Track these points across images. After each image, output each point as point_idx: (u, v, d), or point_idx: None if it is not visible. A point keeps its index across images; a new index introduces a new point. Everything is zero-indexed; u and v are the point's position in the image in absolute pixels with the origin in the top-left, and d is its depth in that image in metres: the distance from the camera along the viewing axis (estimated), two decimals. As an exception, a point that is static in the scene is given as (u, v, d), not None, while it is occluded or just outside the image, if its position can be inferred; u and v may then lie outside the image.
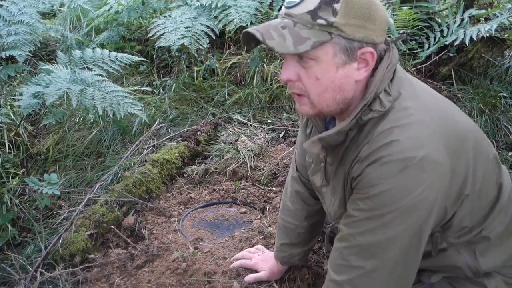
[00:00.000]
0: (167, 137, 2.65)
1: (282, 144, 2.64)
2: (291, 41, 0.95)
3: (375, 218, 1.00)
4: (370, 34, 0.98)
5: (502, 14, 2.69)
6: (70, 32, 3.53)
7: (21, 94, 2.08)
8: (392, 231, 1.00)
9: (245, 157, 2.43)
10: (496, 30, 2.56)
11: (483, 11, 2.84)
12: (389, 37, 1.15)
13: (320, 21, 0.95)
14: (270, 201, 2.19)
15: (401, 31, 2.78)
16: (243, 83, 3.22)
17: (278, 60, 3.19)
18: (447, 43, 2.68)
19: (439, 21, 2.91)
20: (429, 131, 0.99)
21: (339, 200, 1.17)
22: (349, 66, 1.00)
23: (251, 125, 2.80)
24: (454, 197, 1.04)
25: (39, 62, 3.07)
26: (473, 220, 1.10)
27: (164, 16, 3.07)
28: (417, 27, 2.79)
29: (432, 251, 1.13)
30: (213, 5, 2.97)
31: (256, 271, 1.61)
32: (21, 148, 2.40)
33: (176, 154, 2.41)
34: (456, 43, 2.62)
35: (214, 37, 2.95)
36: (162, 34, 2.90)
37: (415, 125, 0.98)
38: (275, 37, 0.96)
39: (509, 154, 2.30)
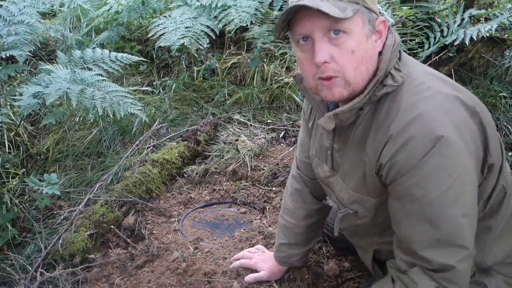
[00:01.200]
0: (167, 137, 2.65)
1: (282, 144, 2.64)
2: (336, 10, 0.96)
3: (440, 199, 0.98)
4: (375, 6, 1.05)
5: (502, 14, 2.69)
6: (70, 32, 3.53)
7: (21, 94, 2.08)
8: (459, 205, 0.98)
9: (245, 157, 2.43)
10: (496, 30, 2.56)
11: (483, 11, 2.84)
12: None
13: None
14: (270, 201, 2.19)
15: (401, 32, 2.78)
16: (243, 83, 3.22)
17: (278, 60, 3.19)
18: (447, 43, 2.68)
19: (439, 21, 2.90)
20: (450, 99, 1.01)
21: (356, 183, 1.15)
22: (372, 37, 1.04)
23: (251, 125, 2.80)
24: (481, 163, 1.05)
25: (39, 62, 3.07)
26: (485, 196, 1.11)
27: (164, 16, 3.07)
28: (417, 27, 2.79)
29: None
30: (213, 5, 2.97)
31: (256, 271, 1.61)
32: (21, 148, 2.40)
33: (176, 154, 2.41)
34: (456, 43, 2.62)
35: (214, 37, 2.95)
36: (162, 34, 2.90)
37: (437, 96, 1.01)
38: (324, 6, 0.95)
39: (509, 154, 2.30)
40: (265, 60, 3.17)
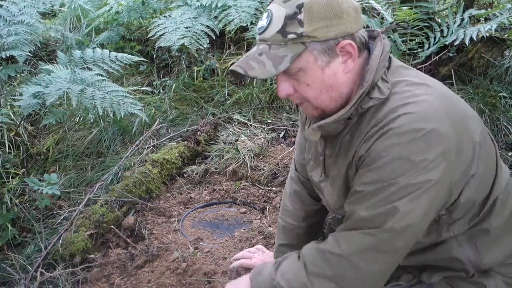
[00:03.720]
0: (167, 137, 2.65)
1: (282, 144, 2.64)
2: (271, 64, 1.02)
3: (380, 191, 0.99)
4: (342, 29, 1.02)
5: (502, 14, 2.69)
6: (70, 32, 3.53)
7: (21, 94, 2.08)
8: (396, 204, 0.98)
9: (245, 157, 2.43)
10: (496, 30, 2.56)
11: (483, 11, 2.83)
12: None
13: (290, 36, 1.01)
14: (270, 201, 2.19)
15: (401, 32, 2.78)
16: (243, 83, 3.22)
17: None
18: (447, 43, 2.68)
19: (439, 21, 2.90)
20: (434, 107, 1.00)
21: (339, 189, 1.17)
22: (333, 63, 1.05)
23: (251, 125, 2.80)
24: (460, 175, 1.04)
25: (39, 62, 3.07)
26: (476, 204, 1.10)
27: (164, 16, 3.07)
28: (417, 27, 2.79)
29: (436, 236, 1.12)
30: (213, 5, 2.97)
31: (256, 271, 1.61)
32: (21, 148, 2.40)
33: (176, 154, 2.41)
34: (456, 43, 2.61)
35: (214, 37, 2.95)
36: (162, 34, 2.90)
37: (421, 102, 1.00)
38: (255, 67, 1.03)
39: (509, 154, 2.30)
40: (265, 60, 3.16)
